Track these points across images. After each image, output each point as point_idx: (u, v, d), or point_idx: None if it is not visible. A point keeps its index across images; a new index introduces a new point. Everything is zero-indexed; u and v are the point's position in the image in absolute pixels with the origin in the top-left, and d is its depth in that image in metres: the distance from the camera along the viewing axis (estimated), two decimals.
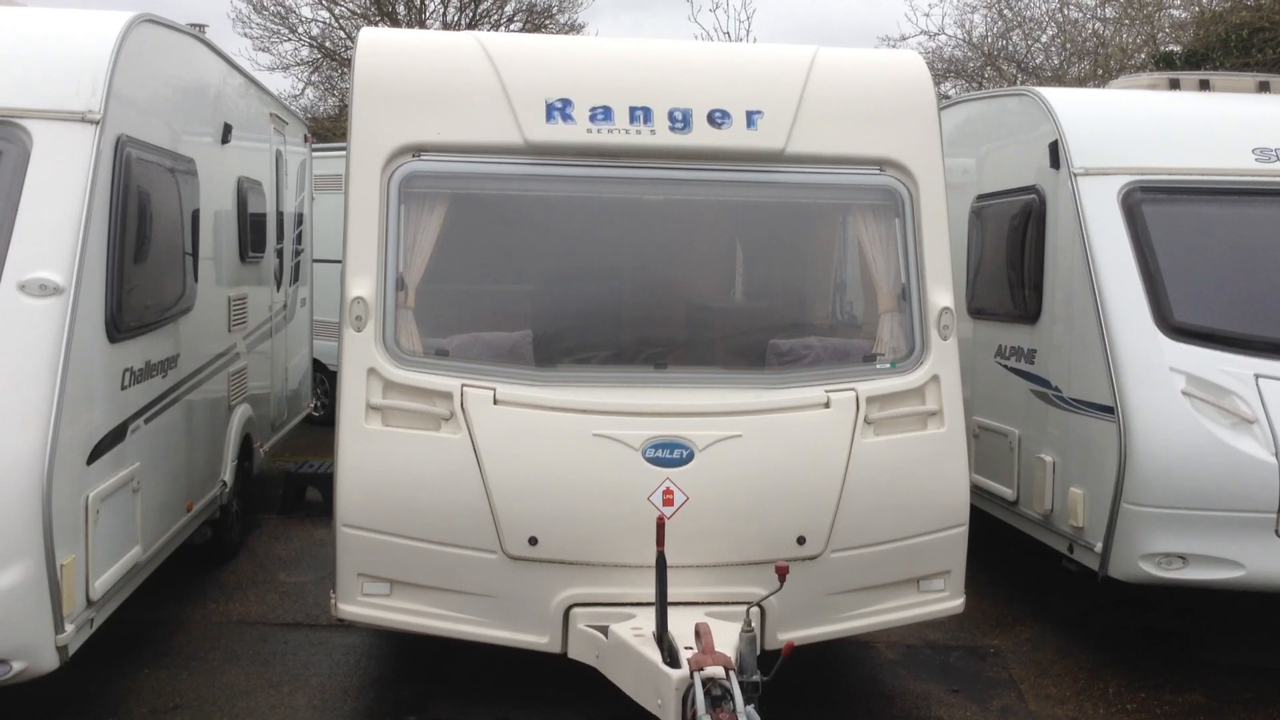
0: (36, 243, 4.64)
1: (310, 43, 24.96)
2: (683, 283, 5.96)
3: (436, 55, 5.30)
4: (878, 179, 5.41)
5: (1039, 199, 6.75)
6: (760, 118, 5.26)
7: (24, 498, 4.30)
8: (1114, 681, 6.11)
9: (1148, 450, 5.67)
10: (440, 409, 4.90)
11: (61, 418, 4.45)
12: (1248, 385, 5.72)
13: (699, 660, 4.24)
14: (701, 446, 4.92)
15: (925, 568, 5.28)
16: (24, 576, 4.30)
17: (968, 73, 22.70)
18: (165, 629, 6.47)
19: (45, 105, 4.92)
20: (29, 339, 4.51)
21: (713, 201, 5.68)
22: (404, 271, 5.10)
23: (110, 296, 5.05)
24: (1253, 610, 7.02)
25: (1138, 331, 5.89)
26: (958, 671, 6.21)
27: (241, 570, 7.65)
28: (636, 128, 5.19)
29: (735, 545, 4.96)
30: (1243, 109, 6.93)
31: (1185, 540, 5.66)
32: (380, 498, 4.86)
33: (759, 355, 5.51)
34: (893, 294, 5.44)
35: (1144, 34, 19.89)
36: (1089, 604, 7.16)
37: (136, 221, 5.39)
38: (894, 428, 5.18)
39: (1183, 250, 6.14)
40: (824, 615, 5.13)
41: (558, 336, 5.46)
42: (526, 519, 4.84)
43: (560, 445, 4.89)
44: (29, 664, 4.40)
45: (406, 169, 5.10)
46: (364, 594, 4.95)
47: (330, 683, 5.82)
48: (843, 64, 5.51)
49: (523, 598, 4.91)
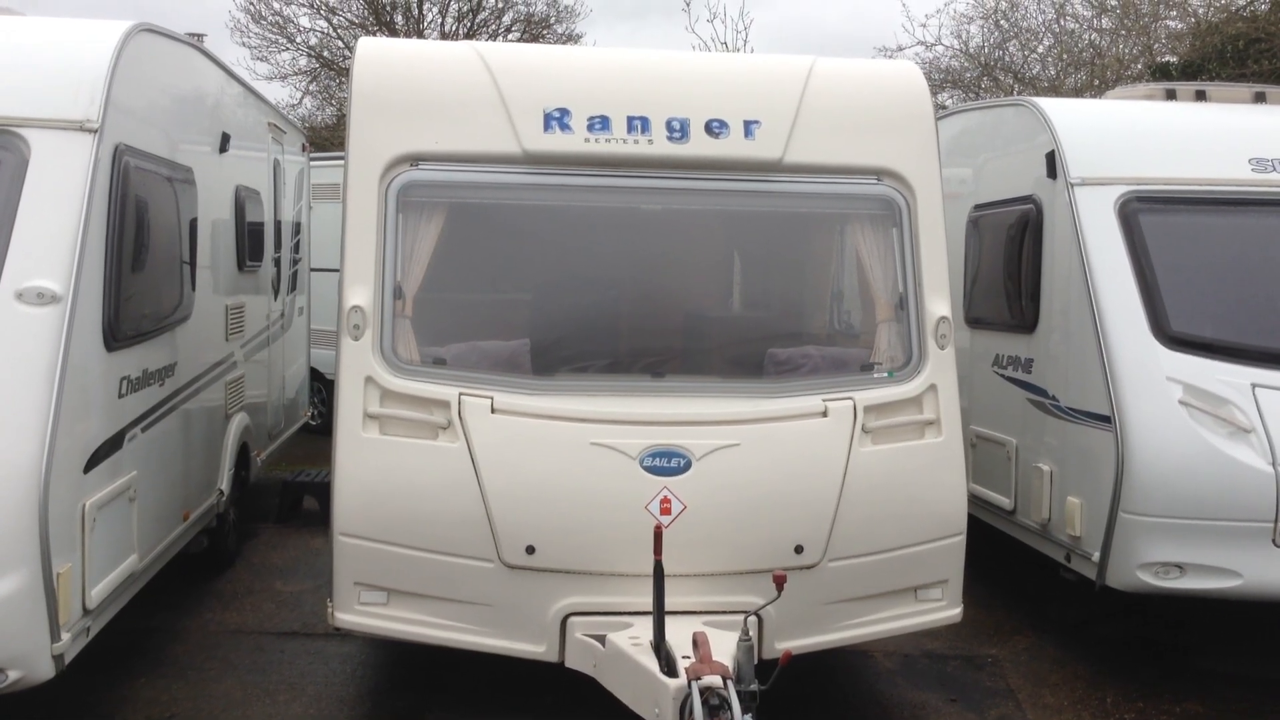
0: (34, 251, 4.65)
1: (308, 52, 24.99)
2: (680, 292, 5.96)
3: (435, 65, 5.31)
4: (875, 189, 5.42)
5: (1036, 209, 6.77)
6: (758, 127, 5.28)
7: (21, 506, 4.29)
8: (1111, 691, 6.10)
9: (1145, 460, 5.67)
10: (438, 418, 4.90)
11: (58, 426, 4.45)
12: (1244, 395, 5.73)
13: (696, 669, 4.23)
14: (699, 455, 4.92)
15: (923, 577, 5.27)
16: (20, 585, 4.29)
17: (964, 83, 22.77)
18: (161, 638, 6.46)
19: (43, 114, 4.92)
20: (26, 347, 4.50)
21: (710, 211, 5.69)
22: (402, 280, 5.11)
23: (108, 305, 5.05)
24: (1250, 620, 7.02)
25: (1135, 341, 5.90)
26: (955, 681, 6.20)
27: (238, 579, 7.64)
28: (634, 137, 5.21)
29: (733, 554, 4.95)
30: (1239, 119, 6.95)
31: (1183, 549, 5.66)
32: (377, 506, 4.86)
33: (756, 364, 5.52)
34: (890, 303, 5.44)
35: (1140, 45, 19.97)
36: (1086, 614, 7.15)
37: (134, 230, 5.39)
38: (891, 437, 5.18)
39: (1179, 260, 6.15)
40: (821, 624, 5.12)
41: (555, 345, 5.46)
42: (524, 528, 4.84)
43: (558, 454, 4.89)
44: (25, 673, 4.38)
45: (404, 178, 5.11)
46: (361, 603, 4.94)
47: (327, 692, 5.81)
48: (840, 74, 5.53)
49: (520, 607, 4.90)
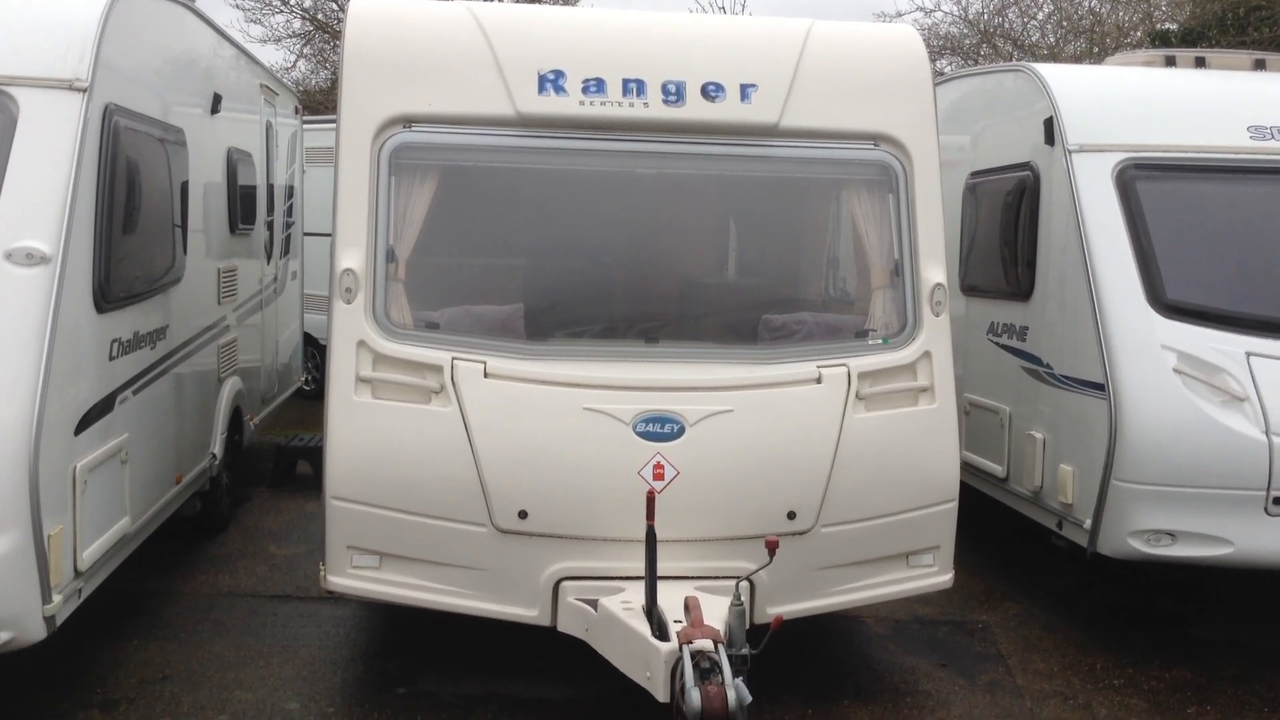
0: (23, 211, 4.60)
1: (302, 15, 24.73)
2: (675, 257, 5.94)
3: (428, 25, 5.25)
4: (872, 154, 5.38)
5: (1033, 176, 6.73)
6: (754, 91, 5.23)
7: (11, 468, 4.28)
8: (1101, 657, 6.14)
9: (1138, 427, 5.68)
10: (430, 382, 4.88)
11: (48, 388, 4.42)
12: (1239, 363, 5.73)
13: (688, 633, 4.25)
14: (692, 421, 4.91)
15: (915, 543, 5.29)
16: (11, 546, 4.29)
17: (963, 50, 22.62)
18: (154, 601, 6.47)
19: (32, 72, 4.87)
20: (15, 308, 4.47)
21: (706, 175, 5.65)
22: (394, 243, 5.07)
23: (98, 266, 5.01)
24: (1240, 587, 7.05)
25: (1130, 309, 5.89)
26: (946, 646, 6.23)
27: (231, 543, 7.64)
28: (629, 100, 5.16)
29: (725, 520, 4.96)
30: (1238, 87, 6.90)
31: (1174, 517, 5.67)
32: (370, 470, 4.85)
33: (751, 330, 5.50)
34: (886, 270, 5.42)
35: (1140, 12, 19.85)
36: (1077, 581, 7.19)
37: (125, 191, 5.34)
38: (885, 403, 5.18)
39: (1176, 228, 6.13)
40: (813, 590, 5.14)
41: (549, 310, 5.43)
42: (516, 492, 4.83)
43: (551, 419, 4.87)
44: (16, 634, 4.39)
45: (397, 140, 5.06)
46: (353, 566, 4.95)
47: (319, 654, 5.83)
48: (838, 38, 5.47)
49: (512, 571, 4.91)
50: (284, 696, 5.35)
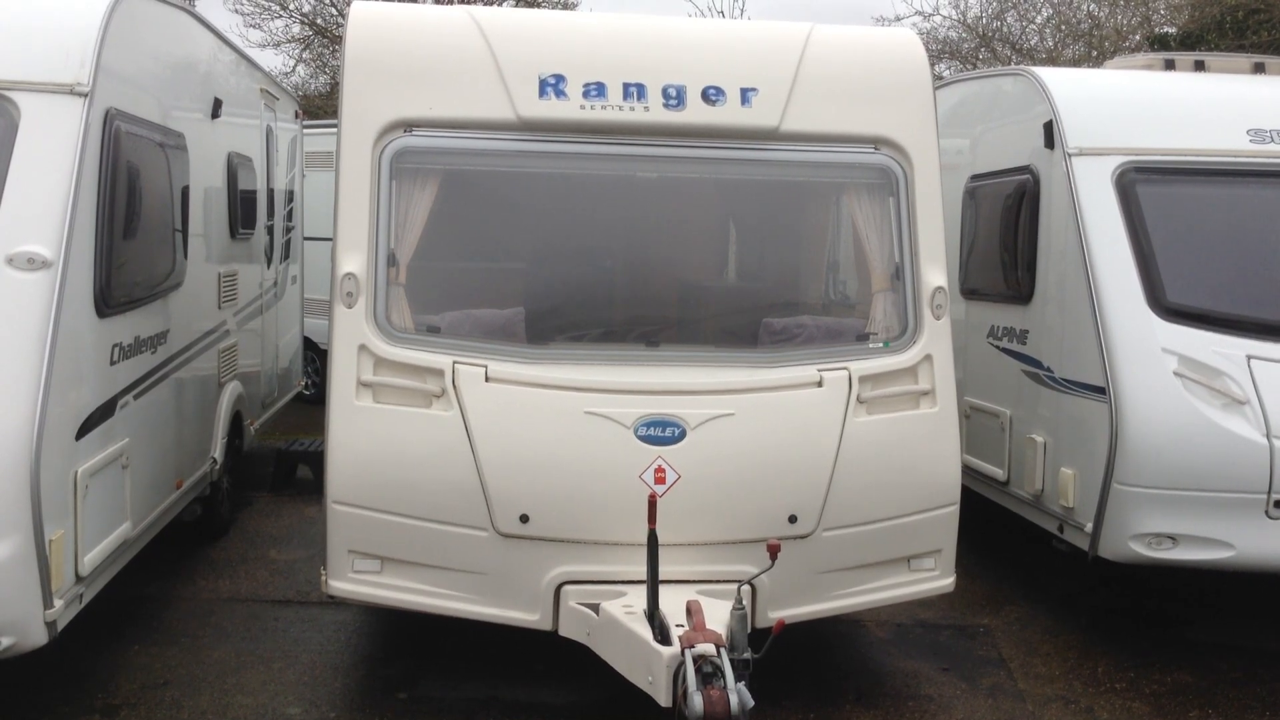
0: (24, 216, 4.60)
1: (302, 19, 24.74)
2: (676, 260, 5.94)
3: (429, 29, 5.25)
4: (872, 157, 5.39)
5: (1033, 179, 6.73)
6: (755, 95, 5.23)
7: (12, 473, 4.27)
8: (1103, 661, 6.13)
9: (1139, 431, 5.68)
10: (431, 386, 4.88)
11: (50, 393, 4.42)
12: (1239, 366, 5.73)
13: (690, 638, 4.25)
14: (693, 425, 4.91)
15: (916, 547, 5.28)
16: (12, 551, 4.28)
17: (962, 54, 22.64)
18: (155, 606, 6.46)
19: (33, 77, 4.86)
20: (16, 313, 4.47)
21: (706, 179, 5.66)
22: (395, 248, 5.07)
23: (99, 271, 5.00)
24: (1242, 591, 7.05)
25: (1130, 312, 5.89)
26: (947, 650, 6.23)
27: (232, 547, 7.64)
28: (630, 104, 5.16)
29: (727, 523, 4.96)
30: (1238, 90, 6.90)
31: (1175, 520, 5.67)
32: (371, 475, 4.85)
33: (752, 334, 5.50)
34: (886, 273, 5.42)
35: (1139, 16, 19.88)
36: (1078, 584, 7.19)
37: (126, 196, 5.34)
38: (886, 407, 5.18)
39: (1176, 231, 6.13)
40: (815, 593, 5.14)
41: (550, 314, 5.43)
42: (518, 496, 4.83)
43: (552, 423, 4.87)
44: (17, 639, 4.38)
45: (398, 144, 5.06)
46: (355, 571, 4.94)
47: (321, 659, 5.82)
48: (838, 41, 5.48)
49: (514, 575, 4.90)
50: (285, 702, 5.34)
